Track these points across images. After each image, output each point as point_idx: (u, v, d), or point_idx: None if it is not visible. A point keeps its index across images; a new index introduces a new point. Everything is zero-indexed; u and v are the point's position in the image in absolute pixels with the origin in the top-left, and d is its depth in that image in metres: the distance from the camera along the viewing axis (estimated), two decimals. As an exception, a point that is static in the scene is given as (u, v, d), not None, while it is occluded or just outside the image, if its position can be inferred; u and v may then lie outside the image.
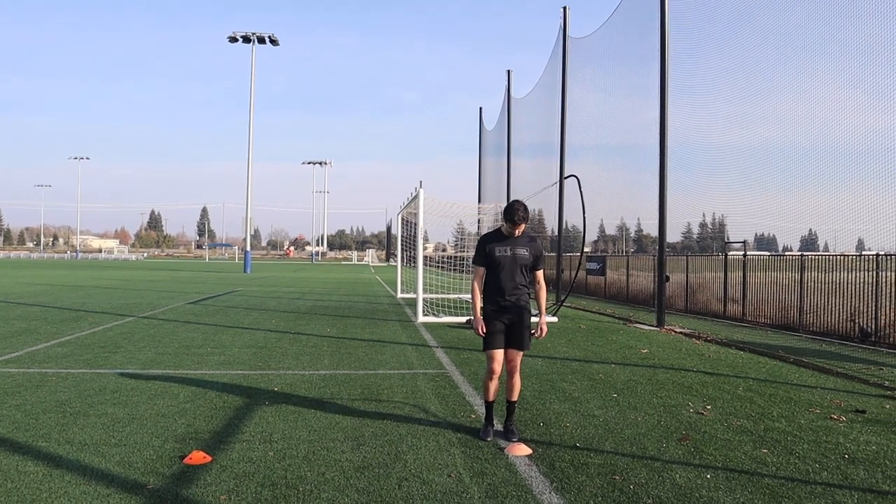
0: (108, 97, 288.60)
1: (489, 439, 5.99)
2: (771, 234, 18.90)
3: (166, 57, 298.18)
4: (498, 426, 6.27)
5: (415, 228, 20.15)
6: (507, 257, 6.04)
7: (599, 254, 29.70)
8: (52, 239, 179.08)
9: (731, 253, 18.54)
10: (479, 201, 38.36)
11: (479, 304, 6.18)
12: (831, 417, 6.85)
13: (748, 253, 17.72)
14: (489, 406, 6.28)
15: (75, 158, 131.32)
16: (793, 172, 14.73)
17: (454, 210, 22.21)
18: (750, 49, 16.09)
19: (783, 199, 15.42)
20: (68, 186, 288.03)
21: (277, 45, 54.97)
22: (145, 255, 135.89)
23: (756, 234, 20.03)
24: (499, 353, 6.10)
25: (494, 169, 36.42)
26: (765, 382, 8.73)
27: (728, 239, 19.52)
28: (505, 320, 6.08)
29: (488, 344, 6.10)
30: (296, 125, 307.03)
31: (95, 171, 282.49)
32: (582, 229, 16.81)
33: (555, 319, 15.94)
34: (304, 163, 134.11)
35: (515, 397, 6.20)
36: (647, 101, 18.39)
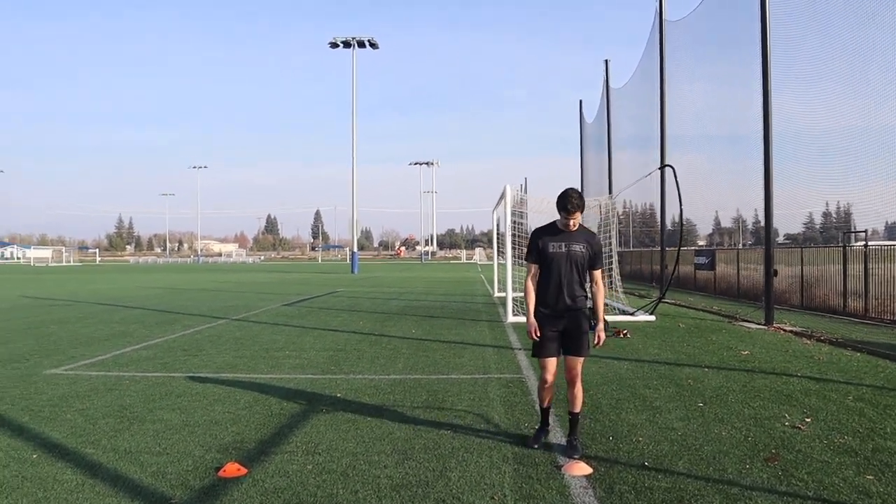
0: (222, 107, 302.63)
1: (536, 446, 5.50)
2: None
3: (276, 65, 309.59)
4: (563, 439, 5.69)
5: (497, 227, 19.61)
6: (562, 254, 5.44)
7: (708, 247, 28.16)
8: (177, 244, 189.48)
9: (854, 244, 16.92)
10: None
11: (532, 304, 5.61)
12: (960, 434, 5.84)
13: (870, 243, 16.11)
14: (544, 411, 5.73)
15: (195, 167, 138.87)
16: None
17: (550, 206, 21.51)
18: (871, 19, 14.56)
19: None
20: (190, 194, 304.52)
21: (377, 48, 55.61)
22: (262, 258, 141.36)
23: (888, 223, 18.34)
24: (551, 362, 5.53)
25: (595, 163, 35.29)
26: (881, 391, 7.67)
27: (854, 228, 17.91)
28: (559, 326, 5.49)
29: (539, 351, 5.54)
30: (402, 127, 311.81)
31: (214, 178, 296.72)
32: (682, 221, 15.72)
33: (652, 318, 15.01)
34: (410, 164, 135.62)
35: (578, 408, 5.60)
36: (756, 87, 17.08)
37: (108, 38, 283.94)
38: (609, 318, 14.40)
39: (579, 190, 5.45)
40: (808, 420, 6.34)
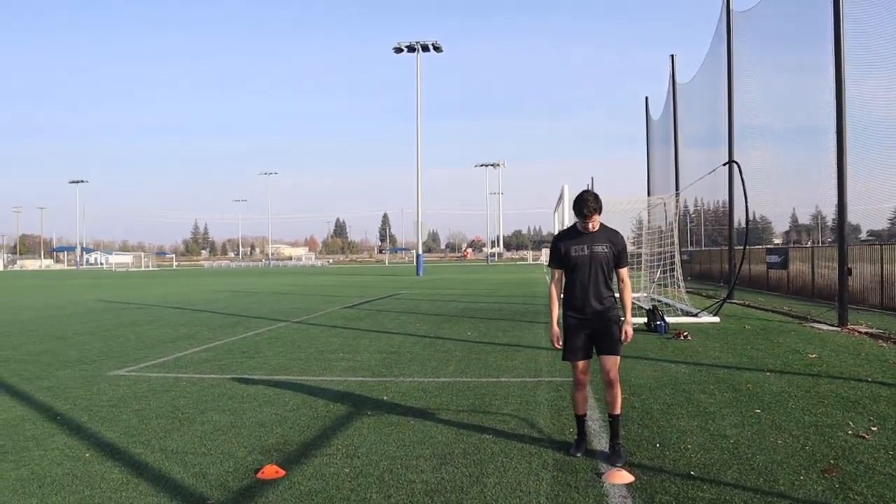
0: (291, 114, 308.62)
1: (578, 455, 5.35)
2: None
3: (343, 71, 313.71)
4: (607, 446, 5.51)
5: (557, 225, 19.46)
6: (585, 256, 5.32)
7: (781, 245, 27.17)
8: (249, 248, 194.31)
9: None
10: (649, 194, 36.58)
11: (555, 312, 5.56)
12: None
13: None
14: (580, 420, 5.59)
15: (265, 174, 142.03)
16: None
17: (622, 207, 21.18)
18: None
19: None
20: (262, 199, 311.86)
21: (441, 51, 55.80)
22: (330, 261, 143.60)
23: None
24: (582, 364, 5.41)
25: (662, 160, 34.51)
26: (959, 397, 7.19)
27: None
28: (588, 330, 5.37)
29: (569, 354, 5.43)
30: (468, 129, 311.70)
31: (284, 183, 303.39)
32: (748, 219, 15.18)
33: (716, 320, 14.52)
34: (476, 165, 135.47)
35: (619, 410, 5.42)
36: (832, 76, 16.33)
37: (185, 55, 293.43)
38: (671, 319, 14.01)
39: (595, 193, 5.32)
40: (874, 429, 5.97)
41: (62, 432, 6.42)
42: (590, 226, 5.31)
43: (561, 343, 5.52)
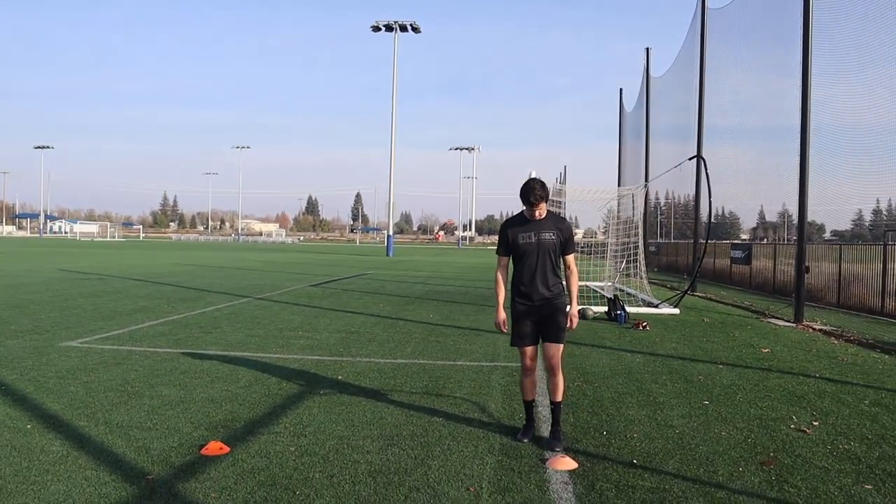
0: (265, 89, 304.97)
1: (525, 440, 5.38)
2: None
3: (320, 48, 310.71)
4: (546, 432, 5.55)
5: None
6: (532, 244, 5.33)
7: (745, 241, 27.52)
8: (219, 223, 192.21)
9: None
10: (619, 185, 36.81)
11: (501, 297, 5.61)
12: (975, 444, 5.53)
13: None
14: (528, 405, 5.62)
15: (237, 147, 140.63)
16: None
17: (591, 195, 21.26)
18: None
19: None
20: (233, 174, 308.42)
21: (419, 32, 55.44)
22: (301, 238, 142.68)
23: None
24: (530, 349, 5.45)
25: (633, 152, 34.70)
26: (902, 395, 7.34)
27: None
28: (536, 317, 5.40)
29: (517, 340, 5.46)
30: (444, 113, 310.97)
31: (256, 159, 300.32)
32: (711, 214, 15.34)
33: (676, 311, 14.67)
34: (451, 148, 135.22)
35: (560, 397, 5.46)
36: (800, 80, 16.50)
37: (161, 24, 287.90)
38: (632, 309, 14.13)
39: (541, 180, 5.32)
40: (815, 423, 6.09)
41: (5, 403, 6.30)
42: (537, 213, 5.32)
43: (507, 328, 5.54)
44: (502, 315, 5.58)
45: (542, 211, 5.33)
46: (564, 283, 5.55)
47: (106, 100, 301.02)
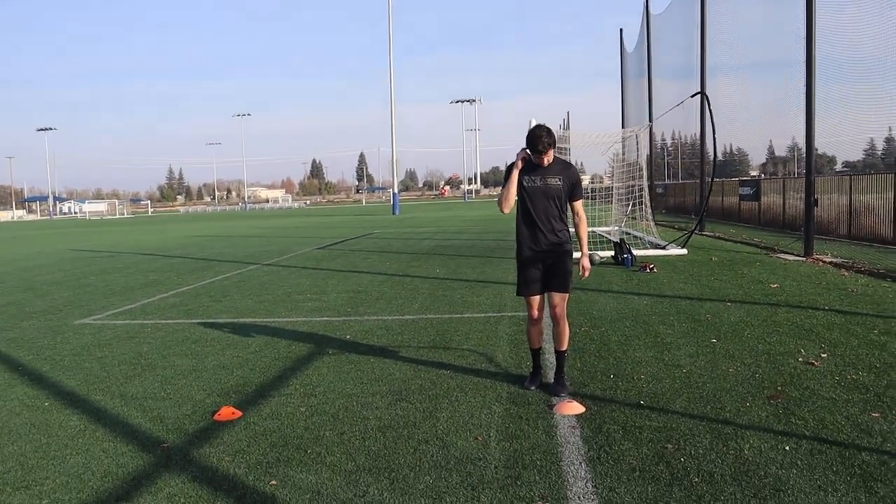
0: (261, 56, 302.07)
1: (532, 388, 5.43)
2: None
3: (312, 7, 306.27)
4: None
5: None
6: (538, 188, 5.25)
7: (753, 177, 27.31)
8: (226, 192, 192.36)
9: None
10: (623, 127, 36.42)
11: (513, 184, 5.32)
12: (983, 366, 5.53)
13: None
14: (535, 353, 5.64)
15: (238, 115, 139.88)
16: None
17: (595, 139, 21.05)
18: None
19: None
20: (237, 142, 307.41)
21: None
22: (308, 202, 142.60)
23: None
24: (535, 299, 5.42)
25: (636, 93, 34.24)
26: (911, 322, 7.33)
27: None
28: (542, 263, 5.34)
29: (523, 289, 5.41)
30: (444, 66, 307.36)
31: (258, 126, 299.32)
32: (715, 151, 15.17)
33: (683, 252, 14.64)
34: (452, 102, 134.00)
35: (565, 346, 5.47)
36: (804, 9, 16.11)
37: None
38: (639, 252, 14.11)
39: (547, 126, 5.20)
40: (823, 355, 6.09)
41: (23, 382, 6.39)
42: (545, 160, 5.21)
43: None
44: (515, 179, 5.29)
45: (549, 157, 5.21)
46: (573, 230, 5.49)
47: (103, 77, 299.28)
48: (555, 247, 5.31)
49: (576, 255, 5.52)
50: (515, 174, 5.27)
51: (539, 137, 5.10)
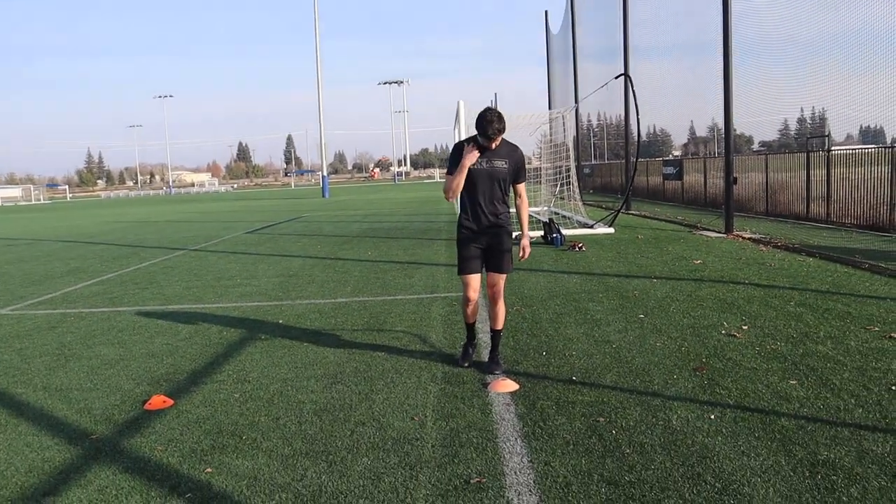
0: (180, 34, 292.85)
1: (465, 365, 5.49)
2: (878, 126, 17.07)
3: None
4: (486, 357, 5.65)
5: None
6: (483, 170, 5.23)
7: (676, 157, 28.06)
8: (149, 177, 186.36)
9: (833, 149, 16.70)
10: (550, 108, 36.83)
11: (460, 179, 5.24)
12: (890, 336, 5.86)
13: (834, 148, 16.05)
14: (469, 327, 5.68)
15: (159, 97, 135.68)
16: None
17: (523, 121, 21.22)
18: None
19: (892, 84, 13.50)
20: (159, 125, 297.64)
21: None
22: (235, 186, 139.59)
23: (861, 127, 18.26)
24: (474, 279, 5.43)
25: (562, 75, 34.65)
26: (825, 295, 7.70)
27: (829, 133, 17.73)
28: (482, 243, 5.37)
29: (463, 268, 5.43)
30: (370, 47, 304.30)
31: (181, 108, 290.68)
32: (639, 132, 15.54)
33: (611, 230, 14.99)
34: (379, 83, 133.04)
35: (500, 325, 5.54)
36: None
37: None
38: (567, 231, 14.37)
39: (499, 111, 5.18)
40: (744, 328, 6.35)
41: (-65, 376, 6.10)
42: (493, 145, 5.15)
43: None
44: (472, 151, 5.17)
45: (497, 142, 5.17)
46: (514, 211, 5.52)
47: (10, 53, 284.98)
48: (495, 228, 5.33)
49: (515, 234, 5.57)
50: (467, 166, 5.16)
51: (490, 122, 5.00)
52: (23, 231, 27.23)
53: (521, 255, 5.48)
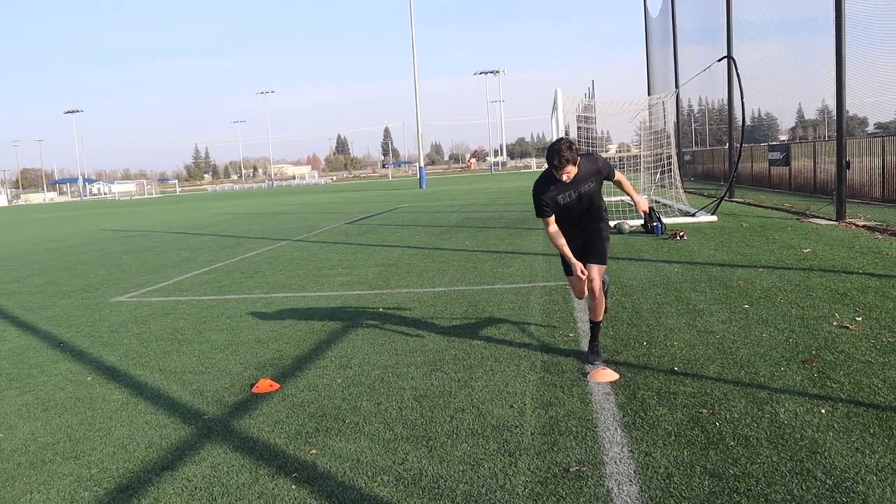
0: (282, 32, 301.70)
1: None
2: None
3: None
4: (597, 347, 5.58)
5: (566, 133, 19.26)
6: (574, 200, 5.18)
7: (783, 142, 26.81)
8: (252, 170, 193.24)
9: None
10: (649, 94, 35.90)
11: (566, 247, 5.25)
12: None
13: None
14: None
15: (262, 93, 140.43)
16: None
17: (621, 108, 20.82)
18: None
19: None
20: (261, 120, 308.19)
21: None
22: (334, 178, 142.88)
23: None
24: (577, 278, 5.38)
25: (661, 59, 33.67)
26: (949, 284, 7.22)
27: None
28: (579, 242, 5.38)
29: (567, 270, 5.41)
30: (465, 35, 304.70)
31: (282, 102, 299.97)
32: (744, 116, 14.94)
33: (713, 218, 14.50)
34: (475, 73, 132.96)
35: (600, 318, 5.45)
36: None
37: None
38: (668, 220, 14.00)
39: (570, 140, 4.96)
40: (858, 319, 6.04)
41: (65, 359, 6.57)
42: (564, 177, 4.98)
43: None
44: (575, 262, 5.20)
45: (570, 173, 4.98)
46: (623, 198, 5.53)
47: (127, 57, 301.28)
48: (589, 229, 5.36)
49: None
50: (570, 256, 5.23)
51: (559, 152, 4.85)
52: (137, 223, 28.83)
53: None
